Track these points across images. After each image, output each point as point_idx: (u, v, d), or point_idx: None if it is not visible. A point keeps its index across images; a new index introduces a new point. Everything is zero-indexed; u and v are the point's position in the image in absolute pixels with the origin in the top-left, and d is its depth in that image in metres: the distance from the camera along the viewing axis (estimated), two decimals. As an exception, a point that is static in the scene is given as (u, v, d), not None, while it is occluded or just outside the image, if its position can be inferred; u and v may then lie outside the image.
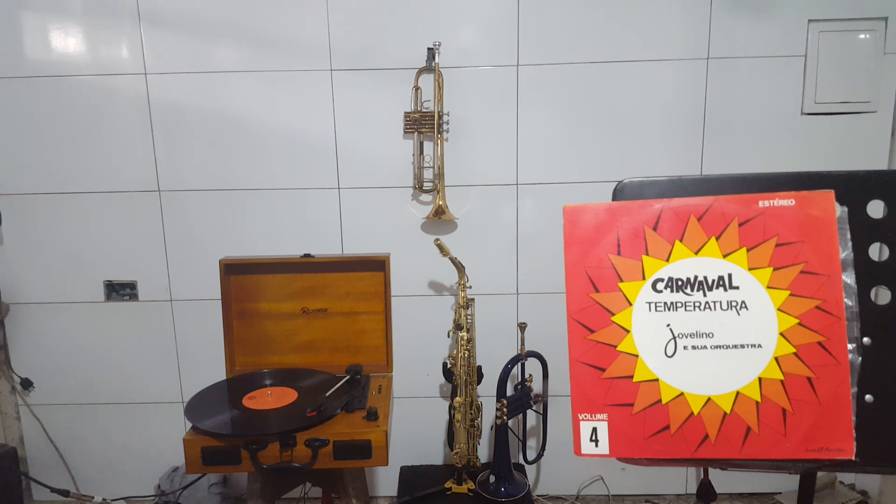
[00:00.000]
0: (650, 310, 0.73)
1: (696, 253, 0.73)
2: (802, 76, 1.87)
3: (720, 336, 0.71)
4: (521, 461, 2.01)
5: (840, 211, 0.70)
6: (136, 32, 1.89)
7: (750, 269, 0.71)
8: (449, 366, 1.87)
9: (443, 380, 2.06)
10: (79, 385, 2.09)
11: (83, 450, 2.13)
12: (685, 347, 0.72)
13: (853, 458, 0.67)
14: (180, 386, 2.08)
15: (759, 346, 0.70)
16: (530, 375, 1.91)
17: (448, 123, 1.90)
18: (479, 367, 1.88)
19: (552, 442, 1.99)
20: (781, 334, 0.70)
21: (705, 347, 0.71)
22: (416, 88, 1.88)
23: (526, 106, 1.91)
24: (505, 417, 1.82)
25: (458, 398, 1.80)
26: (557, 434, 2.01)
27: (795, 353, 0.69)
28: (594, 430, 0.74)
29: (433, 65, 1.86)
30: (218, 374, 1.81)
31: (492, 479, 1.86)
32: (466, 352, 1.81)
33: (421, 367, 2.05)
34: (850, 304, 0.69)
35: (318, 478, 1.60)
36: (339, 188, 1.97)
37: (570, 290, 0.76)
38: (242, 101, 1.92)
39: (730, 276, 0.72)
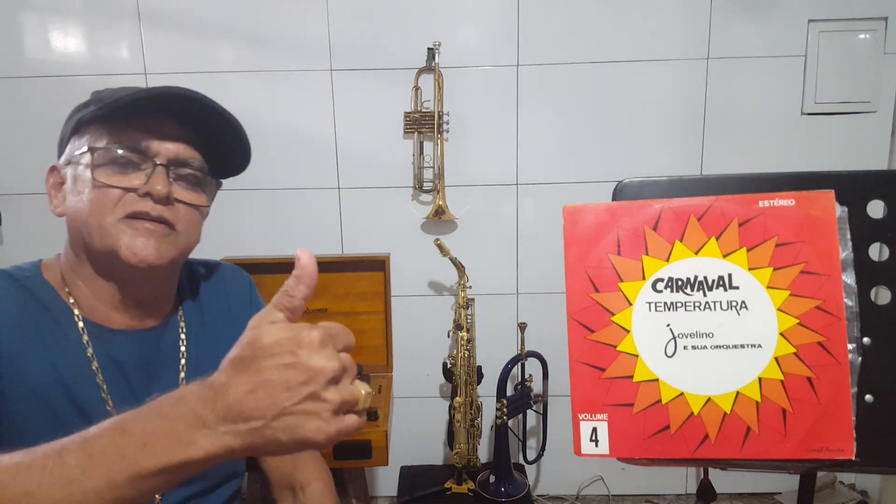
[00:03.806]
0: (650, 310, 0.73)
1: (696, 253, 0.73)
2: (802, 76, 1.87)
3: (720, 336, 0.71)
4: (521, 461, 2.01)
5: (840, 211, 0.70)
6: (136, 32, 1.89)
7: (750, 269, 0.71)
8: (449, 366, 1.87)
9: (443, 380, 2.06)
10: (79, 385, 2.08)
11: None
12: (685, 347, 0.72)
13: (853, 458, 0.67)
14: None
15: (759, 346, 0.70)
16: (530, 375, 1.91)
17: (448, 123, 1.90)
18: (479, 367, 1.88)
19: (552, 442, 1.99)
20: (781, 334, 0.70)
21: (705, 347, 0.71)
22: (416, 88, 1.88)
23: (526, 106, 1.91)
24: (505, 417, 1.82)
25: (458, 398, 1.80)
26: (557, 434, 2.01)
27: (795, 353, 0.69)
28: (594, 430, 0.74)
29: (433, 65, 1.86)
30: (218, 374, 1.81)
31: (492, 479, 1.86)
32: (466, 352, 1.81)
33: (421, 367, 2.05)
34: (850, 304, 0.69)
35: (318, 478, 1.60)
36: (339, 188, 1.97)
37: (570, 290, 0.76)
38: (242, 101, 1.91)
39: (730, 276, 0.72)
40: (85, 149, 0.78)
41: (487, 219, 1.98)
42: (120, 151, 0.77)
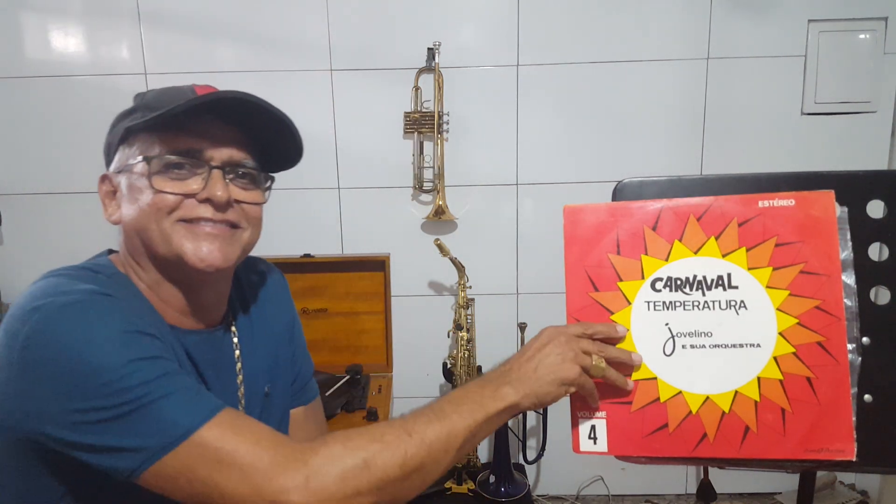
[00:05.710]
0: (649, 309, 0.73)
1: (696, 253, 0.73)
2: (802, 76, 1.87)
3: (719, 335, 0.71)
4: (521, 461, 2.01)
5: (840, 211, 0.70)
6: (136, 32, 1.89)
7: (749, 269, 0.71)
8: (449, 366, 1.87)
9: (443, 380, 2.06)
10: (79, 385, 2.08)
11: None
12: (684, 346, 0.72)
13: (853, 459, 0.67)
14: (180, 386, 2.08)
15: (758, 345, 0.70)
16: (530, 375, 1.91)
17: (448, 123, 1.90)
18: (479, 367, 1.88)
19: (552, 442, 1.99)
20: (780, 334, 0.70)
21: (704, 346, 0.71)
22: (416, 88, 1.88)
23: (526, 106, 1.91)
24: (505, 417, 1.82)
25: (457, 398, 1.79)
26: (557, 434, 2.01)
27: (794, 353, 0.69)
28: (593, 427, 0.75)
29: (433, 65, 1.86)
30: (218, 373, 1.81)
31: (492, 479, 1.86)
32: (466, 352, 1.81)
33: (421, 367, 2.05)
34: (849, 304, 0.69)
35: (317, 478, 1.60)
36: (339, 188, 1.97)
37: (570, 290, 0.77)
38: (242, 101, 1.91)
39: (729, 275, 0.72)
40: (139, 158, 0.78)
41: (487, 219, 1.98)
42: (175, 158, 0.77)
